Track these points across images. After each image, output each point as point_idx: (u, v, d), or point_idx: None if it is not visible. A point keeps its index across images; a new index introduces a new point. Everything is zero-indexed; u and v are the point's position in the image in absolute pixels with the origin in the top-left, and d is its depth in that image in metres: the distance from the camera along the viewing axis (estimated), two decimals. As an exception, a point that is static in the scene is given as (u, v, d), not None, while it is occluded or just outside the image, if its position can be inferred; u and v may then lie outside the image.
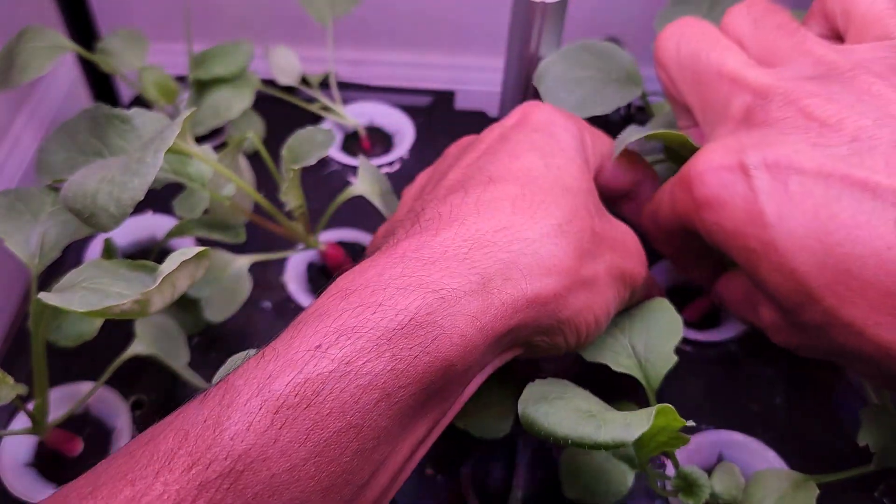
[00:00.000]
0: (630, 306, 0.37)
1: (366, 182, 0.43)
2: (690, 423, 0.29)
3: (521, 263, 0.29)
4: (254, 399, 0.24)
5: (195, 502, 0.22)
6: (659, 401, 0.34)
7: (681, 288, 0.48)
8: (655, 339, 0.35)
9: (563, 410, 0.29)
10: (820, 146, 0.29)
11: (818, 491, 0.34)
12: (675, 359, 0.34)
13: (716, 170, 0.31)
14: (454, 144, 0.39)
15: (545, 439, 0.29)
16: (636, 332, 0.36)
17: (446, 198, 0.31)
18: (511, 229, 0.30)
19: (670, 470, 0.37)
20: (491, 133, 0.36)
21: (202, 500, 0.23)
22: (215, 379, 0.32)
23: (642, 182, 0.40)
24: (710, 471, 0.40)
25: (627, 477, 0.36)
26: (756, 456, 0.39)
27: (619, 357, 0.35)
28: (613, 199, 0.40)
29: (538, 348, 0.32)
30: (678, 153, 0.39)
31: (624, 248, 0.35)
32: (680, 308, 0.45)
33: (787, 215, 0.29)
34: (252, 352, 0.31)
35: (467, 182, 0.32)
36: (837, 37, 0.35)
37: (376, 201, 0.43)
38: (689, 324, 0.46)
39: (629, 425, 0.28)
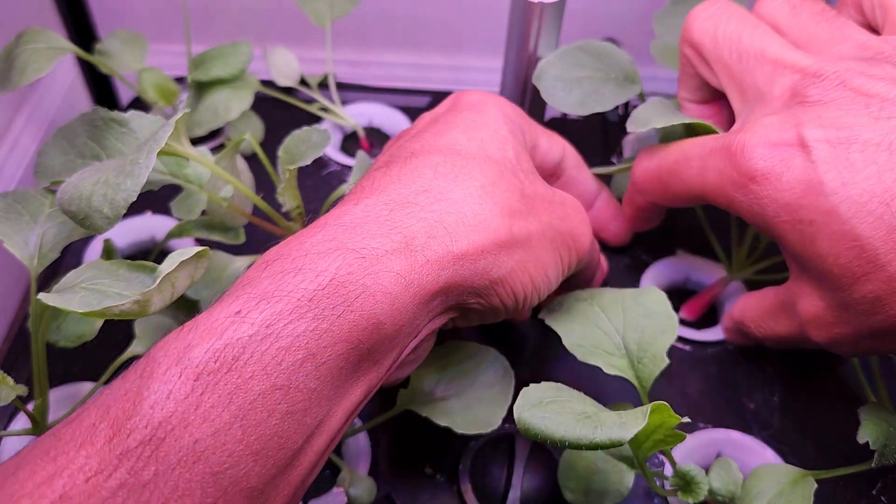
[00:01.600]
0: (623, 298, 0.37)
1: (359, 178, 0.43)
2: (686, 419, 0.30)
3: (445, 221, 0.29)
4: (173, 368, 0.24)
5: (116, 471, 0.22)
6: (656, 399, 0.34)
7: (679, 287, 0.48)
8: (649, 339, 0.35)
9: (558, 413, 0.29)
10: (882, 119, 0.30)
11: (816, 485, 0.34)
12: (666, 361, 0.34)
13: (772, 144, 0.32)
14: (391, 139, 0.40)
15: (543, 442, 0.29)
16: (630, 329, 0.36)
17: (370, 174, 0.32)
18: (433, 191, 0.30)
19: (668, 470, 0.37)
20: (422, 119, 0.37)
21: (123, 469, 0.22)
22: None
23: (564, 156, 0.41)
24: (708, 470, 0.40)
25: (626, 478, 0.36)
26: (754, 454, 0.39)
27: (611, 358, 0.35)
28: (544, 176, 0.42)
29: (474, 311, 0.32)
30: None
31: (562, 209, 0.35)
32: (677, 306, 0.45)
33: (849, 182, 0.30)
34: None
35: (391, 160, 0.33)
36: (871, 30, 0.36)
37: None
38: (686, 322, 0.46)
39: (625, 424, 0.28)
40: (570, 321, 0.36)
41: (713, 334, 0.45)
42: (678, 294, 0.47)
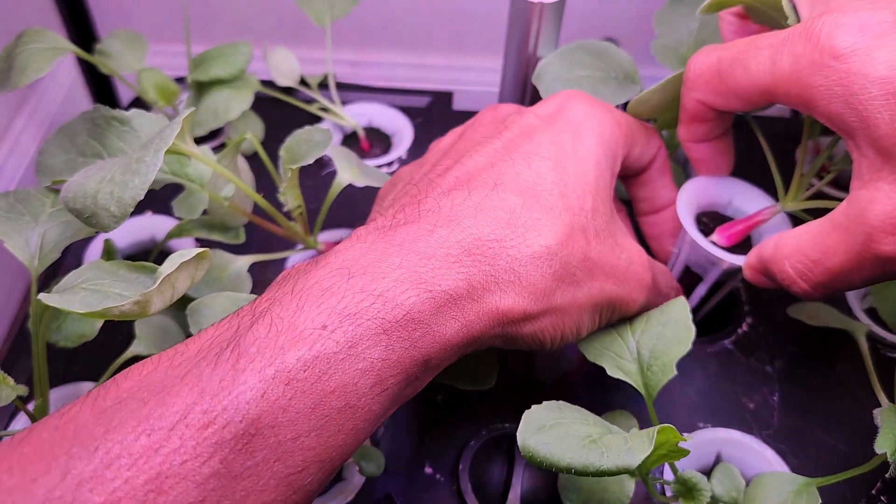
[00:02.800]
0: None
1: (344, 169, 0.43)
2: (689, 437, 0.30)
3: (502, 280, 0.30)
4: (268, 368, 0.25)
5: (210, 459, 0.24)
6: (657, 398, 0.34)
7: (715, 213, 0.44)
8: (663, 347, 0.35)
9: (562, 439, 0.29)
10: None
11: (820, 500, 0.34)
12: (674, 372, 0.34)
13: (861, 24, 0.30)
14: (489, 110, 0.39)
15: (548, 469, 0.29)
16: (646, 335, 0.35)
17: (450, 192, 0.32)
18: (502, 243, 0.31)
19: (669, 474, 0.37)
20: (521, 119, 0.36)
21: (216, 458, 0.24)
22: (192, 317, 0.34)
23: (656, 157, 0.40)
24: (709, 469, 0.40)
25: (627, 486, 0.36)
26: (754, 454, 0.39)
27: (621, 361, 0.35)
28: (631, 184, 0.42)
29: (497, 346, 0.33)
30: None
31: (623, 276, 0.35)
32: (713, 228, 0.41)
33: None
34: (241, 297, 0.34)
35: (474, 180, 0.33)
36: None
37: (361, 181, 0.42)
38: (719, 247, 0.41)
39: (631, 450, 0.28)
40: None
41: (738, 260, 0.40)
42: (714, 217, 0.43)
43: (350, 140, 0.58)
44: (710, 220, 0.42)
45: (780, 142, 0.39)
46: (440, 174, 0.34)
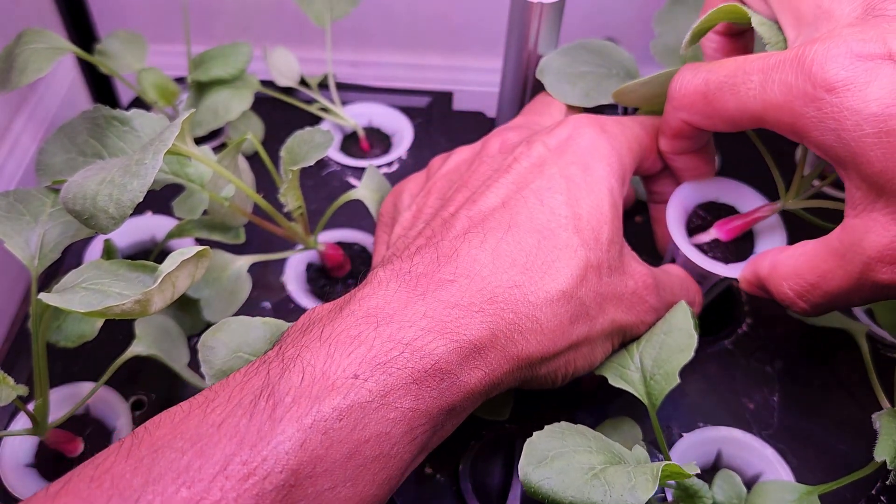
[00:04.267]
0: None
1: (369, 189, 0.43)
2: (696, 471, 0.30)
3: (523, 326, 0.31)
4: (305, 417, 0.25)
5: None
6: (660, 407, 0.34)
7: (720, 205, 0.43)
8: (666, 356, 0.35)
9: (565, 473, 0.29)
10: None
11: None
12: (678, 381, 0.34)
13: (854, 55, 0.30)
14: (496, 138, 0.39)
15: None
16: (649, 345, 0.35)
17: (465, 235, 0.33)
18: (521, 289, 0.31)
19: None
20: (529, 152, 0.36)
21: None
22: (210, 376, 0.33)
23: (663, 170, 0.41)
24: (709, 469, 0.40)
25: None
26: (755, 454, 0.39)
27: (624, 371, 0.35)
28: (646, 180, 0.42)
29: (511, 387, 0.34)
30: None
31: (630, 303, 0.35)
32: (709, 225, 0.41)
33: None
34: (254, 322, 0.34)
35: (488, 220, 0.33)
36: None
37: (374, 208, 0.43)
38: (720, 245, 0.41)
39: (634, 489, 0.28)
40: None
41: (734, 271, 0.40)
42: (715, 210, 0.43)
43: (350, 140, 0.58)
44: (707, 214, 0.42)
45: (780, 142, 0.39)
46: (453, 213, 0.34)
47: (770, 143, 0.41)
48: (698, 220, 0.41)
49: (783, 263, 0.35)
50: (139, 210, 0.51)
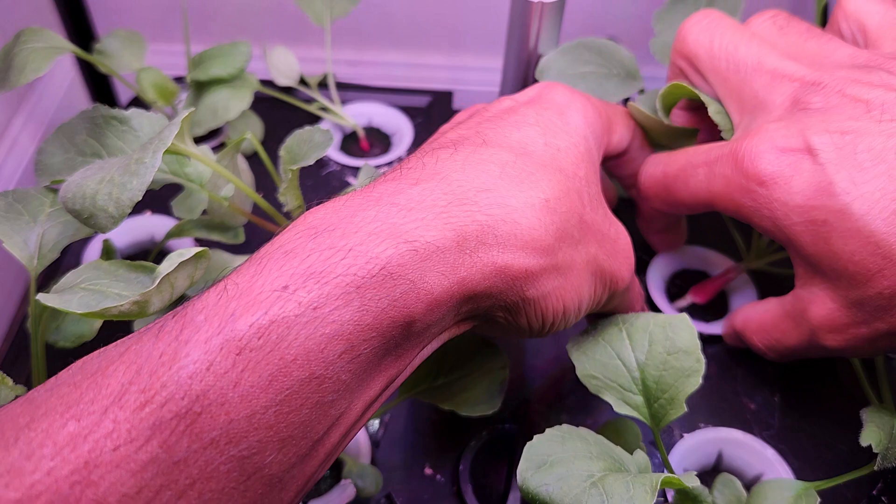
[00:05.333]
0: (654, 325, 0.35)
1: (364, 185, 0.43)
2: (695, 483, 0.30)
3: (498, 230, 0.28)
4: (215, 337, 0.22)
5: (147, 443, 0.21)
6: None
7: (685, 272, 0.48)
8: (671, 380, 0.33)
9: (563, 480, 0.29)
10: (885, 122, 0.31)
11: (819, 500, 0.34)
12: (684, 409, 0.32)
13: (779, 149, 0.33)
14: (463, 111, 0.38)
15: None
16: (651, 365, 0.33)
17: (434, 151, 0.30)
18: (495, 192, 0.28)
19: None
20: (500, 103, 0.35)
21: (155, 442, 0.21)
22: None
23: (634, 137, 0.41)
24: (710, 470, 0.40)
25: None
26: (756, 454, 0.39)
27: (626, 394, 0.33)
28: (614, 165, 0.42)
29: (497, 325, 0.31)
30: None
31: (612, 246, 0.34)
32: (686, 288, 0.46)
33: (859, 181, 0.31)
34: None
35: (460, 141, 0.31)
36: None
37: None
38: (696, 308, 0.46)
39: (632, 500, 0.27)
40: (593, 346, 0.35)
41: (715, 328, 0.44)
42: (688, 278, 0.48)
43: (350, 140, 0.58)
44: (682, 282, 0.47)
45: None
46: (426, 145, 0.33)
47: None
48: (675, 287, 0.47)
49: (751, 319, 0.40)
50: (138, 210, 0.51)
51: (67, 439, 0.21)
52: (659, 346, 0.34)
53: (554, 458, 0.30)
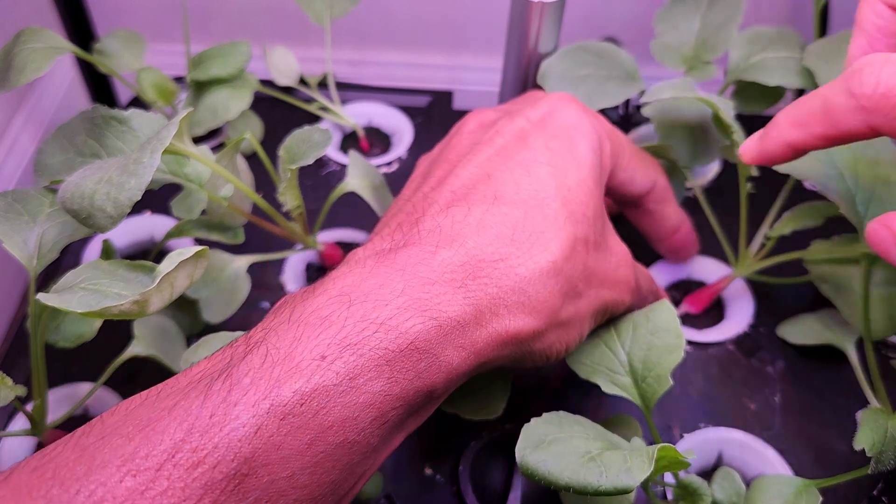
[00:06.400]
0: (637, 313, 0.37)
1: (356, 177, 0.43)
2: (693, 457, 0.30)
3: (509, 301, 0.30)
4: (262, 402, 0.24)
5: (200, 501, 0.22)
6: (657, 399, 0.34)
7: (684, 282, 0.48)
8: (655, 357, 0.34)
9: (561, 456, 0.29)
10: None
11: (821, 498, 0.34)
12: (670, 383, 0.34)
13: None
14: (473, 117, 0.38)
15: (547, 487, 0.29)
16: (636, 347, 0.35)
17: (448, 209, 0.31)
18: (507, 261, 0.30)
19: (669, 478, 0.37)
20: (511, 125, 0.35)
21: (206, 500, 0.22)
22: (186, 361, 0.32)
23: (653, 189, 0.40)
24: (710, 469, 0.40)
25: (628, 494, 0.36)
26: (756, 455, 0.39)
27: (614, 376, 0.35)
28: (621, 203, 0.41)
29: (504, 367, 0.33)
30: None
31: (614, 280, 0.35)
32: (680, 298, 0.46)
33: None
34: (237, 335, 0.31)
35: (472, 193, 0.32)
36: None
37: (367, 196, 0.43)
38: (690, 317, 0.46)
39: (630, 470, 0.28)
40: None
41: (714, 335, 0.45)
42: (682, 288, 0.48)
43: (350, 140, 0.58)
44: (677, 293, 0.47)
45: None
46: (434, 188, 0.33)
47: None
48: (669, 298, 0.45)
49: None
50: (138, 209, 0.51)
51: (126, 494, 0.22)
52: (642, 329, 0.35)
53: (552, 437, 0.30)
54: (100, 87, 0.60)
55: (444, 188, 0.33)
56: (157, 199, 0.48)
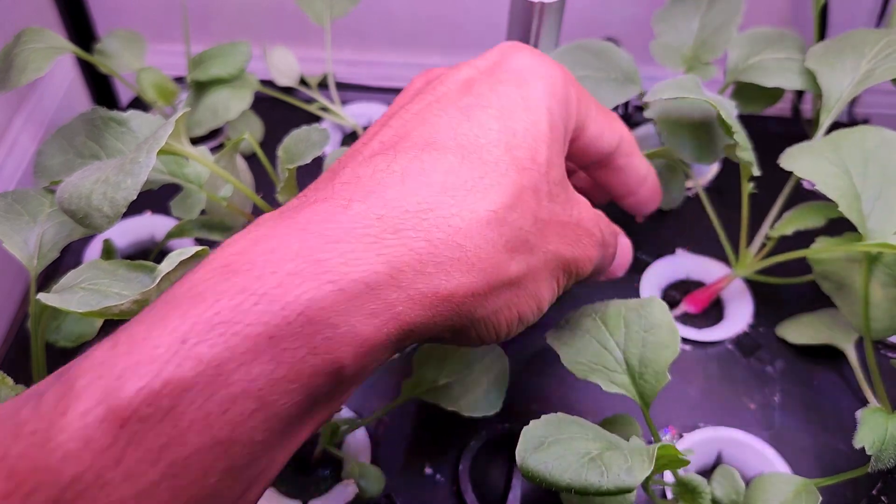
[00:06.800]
0: (626, 310, 0.35)
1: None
2: (692, 454, 0.30)
3: (441, 256, 0.25)
4: (96, 408, 0.20)
5: None
6: (657, 400, 0.34)
7: (683, 282, 0.48)
8: (651, 354, 0.34)
9: (562, 457, 0.29)
10: None
11: (820, 497, 0.34)
12: (668, 378, 0.33)
13: None
14: (421, 75, 0.34)
15: (548, 488, 0.29)
16: (631, 344, 0.35)
17: (372, 158, 0.27)
18: (436, 211, 0.25)
19: (669, 476, 0.37)
20: (457, 74, 0.31)
21: None
22: None
23: (617, 149, 0.35)
24: (709, 468, 0.40)
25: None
26: (755, 454, 0.39)
27: (612, 374, 0.34)
28: (585, 165, 0.36)
29: (444, 341, 0.29)
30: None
31: (574, 232, 0.30)
32: (680, 298, 0.46)
33: None
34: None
35: (401, 141, 0.27)
36: None
37: None
38: (690, 316, 0.46)
39: (631, 469, 0.28)
40: (572, 337, 0.36)
41: (713, 334, 0.45)
42: (680, 288, 0.48)
43: (350, 140, 0.58)
44: (677, 293, 0.47)
45: (780, 142, 0.40)
46: (365, 142, 0.29)
47: (771, 144, 0.42)
48: (669, 298, 0.47)
49: None
50: (138, 209, 0.51)
51: None
52: (635, 326, 0.35)
53: (551, 439, 0.30)
54: (100, 87, 0.60)
55: (374, 140, 0.28)
56: (158, 199, 0.48)
